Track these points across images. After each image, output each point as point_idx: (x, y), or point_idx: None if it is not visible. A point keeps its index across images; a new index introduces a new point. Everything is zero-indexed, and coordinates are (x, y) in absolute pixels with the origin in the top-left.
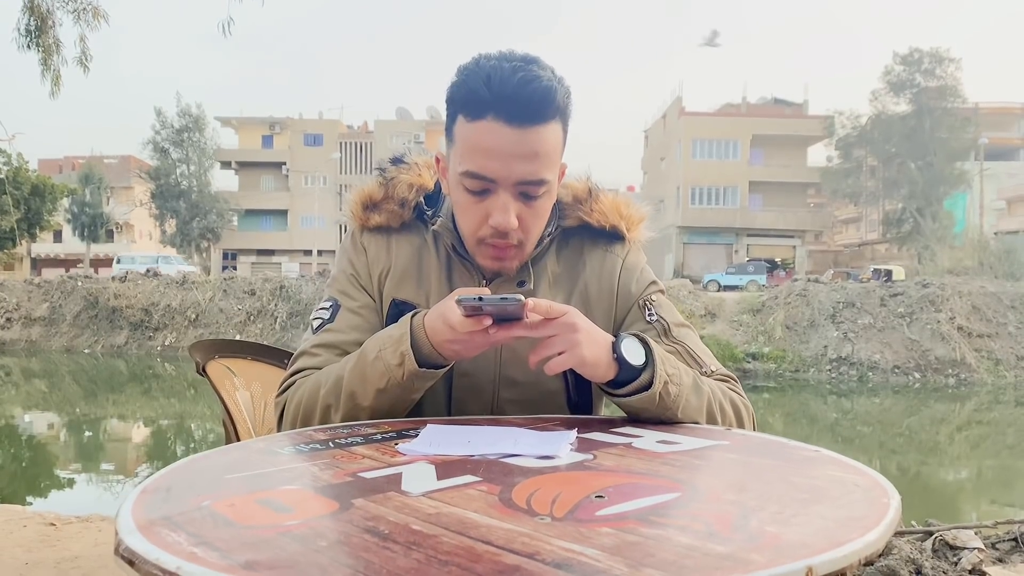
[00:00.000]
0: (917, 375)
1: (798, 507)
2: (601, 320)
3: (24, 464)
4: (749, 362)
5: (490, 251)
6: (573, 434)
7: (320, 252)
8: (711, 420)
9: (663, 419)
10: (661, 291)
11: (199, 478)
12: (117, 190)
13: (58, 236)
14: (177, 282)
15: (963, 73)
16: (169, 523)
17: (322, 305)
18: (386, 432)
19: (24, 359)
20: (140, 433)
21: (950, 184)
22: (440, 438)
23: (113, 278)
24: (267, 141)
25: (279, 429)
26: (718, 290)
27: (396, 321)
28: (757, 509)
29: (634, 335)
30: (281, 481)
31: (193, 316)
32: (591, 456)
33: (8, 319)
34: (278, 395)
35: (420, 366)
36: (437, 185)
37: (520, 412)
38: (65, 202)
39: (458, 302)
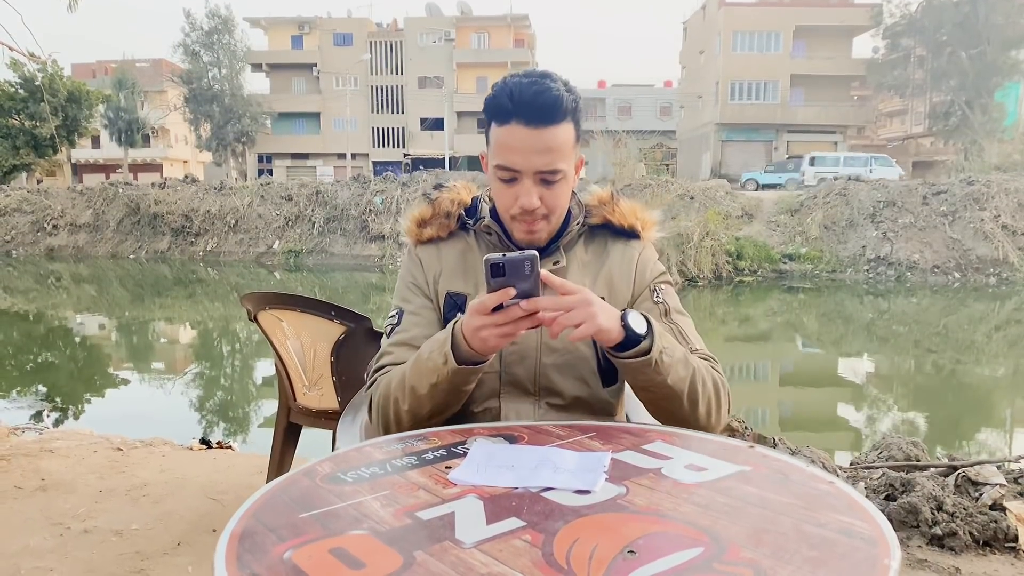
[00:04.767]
0: (957, 275)
1: (807, 572)
2: (621, 297)
3: (80, 365)
4: (785, 263)
5: (523, 225)
6: (608, 458)
7: (354, 155)
8: (692, 390)
9: (653, 383)
10: (668, 282)
11: (276, 519)
12: (151, 94)
13: (96, 142)
14: (215, 188)
15: None
16: None
17: (390, 315)
18: (436, 448)
19: (73, 265)
20: (188, 335)
21: (1003, 74)
22: (486, 461)
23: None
24: (297, 42)
25: (370, 417)
26: (756, 189)
27: (450, 310)
28: (770, 574)
29: (641, 314)
30: (348, 522)
31: (232, 222)
32: (624, 490)
33: (55, 226)
34: (366, 389)
35: (459, 363)
36: (474, 199)
37: (559, 375)
38: (101, 108)
39: (485, 260)
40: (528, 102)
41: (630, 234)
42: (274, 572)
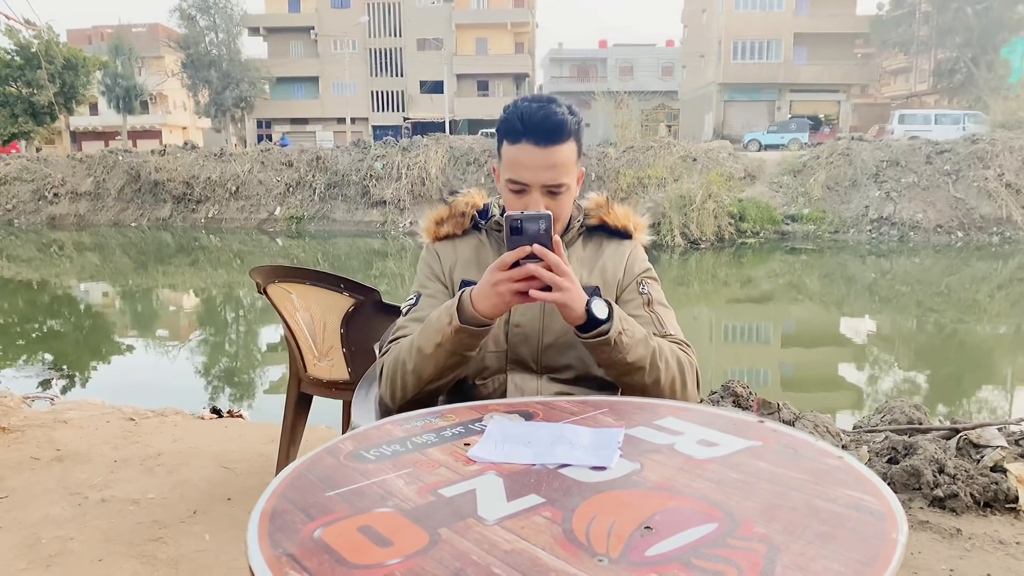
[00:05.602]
0: (960, 234)
1: (818, 546)
2: (611, 286)
3: (86, 333)
4: (788, 224)
5: None
6: (621, 435)
7: (353, 120)
8: (652, 367)
9: (614, 361)
10: (654, 278)
11: (304, 498)
12: (148, 60)
13: (94, 109)
14: (215, 154)
15: None
16: (293, 562)
17: (409, 298)
18: (454, 425)
19: (75, 233)
20: (192, 302)
21: (1009, 30)
22: (503, 437)
23: None
24: (294, 4)
25: (380, 385)
26: (759, 150)
27: None
28: (783, 549)
29: (605, 300)
30: (374, 500)
31: (233, 188)
32: (638, 466)
33: (56, 194)
34: (380, 357)
35: (462, 323)
36: (486, 205)
37: (558, 353)
38: (98, 74)
39: (505, 217)
40: (537, 124)
41: (623, 234)
42: (306, 550)
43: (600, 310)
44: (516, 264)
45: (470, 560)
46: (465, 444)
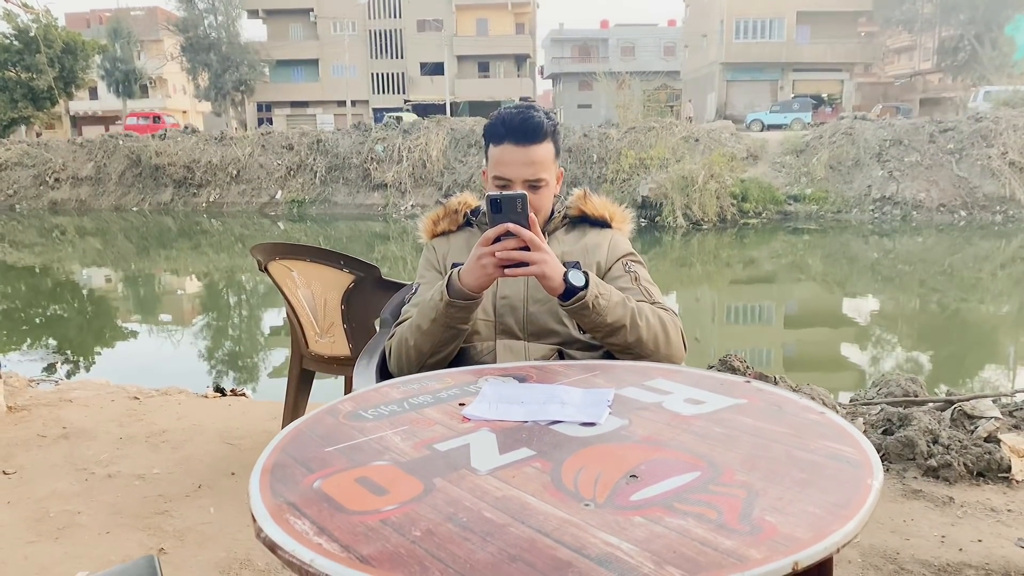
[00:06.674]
0: (963, 213)
1: (796, 491)
2: (592, 266)
3: (89, 317)
4: (790, 204)
5: None
6: (611, 394)
7: (354, 103)
8: (632, 325)
9: (596, 323)
10: (639, 261)
11: (304, 453)
12: (147, 44)
13: (94, 93)
14: (215, 138)
15: None
16: (294, 509)
17: (412, 289)
18: (450, 387)
19: (76, 218)
20: (195, 286)
21: (1014, 7)
22: (497, 398)
23: None
24: None
25: (388, 361)
26: (761, 130)
27: None
28: (761, 493)
29: (583, 271)
30: (372, 455)
31: (234, 172)
32: (626, 422)
33: (57, 179)
34: (388, 340)
35: (451, 298)
36: (478, 206)
37: (542, 320)
38: (97, 58)
39: (486, 196)
40: (517, 126)
41: (603, 223)
42: (306, 499)
43: (577, 279)
44: (498, 240)
45: (463, 506)
46: (460, 404)
